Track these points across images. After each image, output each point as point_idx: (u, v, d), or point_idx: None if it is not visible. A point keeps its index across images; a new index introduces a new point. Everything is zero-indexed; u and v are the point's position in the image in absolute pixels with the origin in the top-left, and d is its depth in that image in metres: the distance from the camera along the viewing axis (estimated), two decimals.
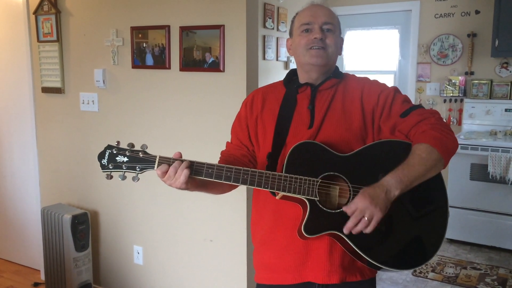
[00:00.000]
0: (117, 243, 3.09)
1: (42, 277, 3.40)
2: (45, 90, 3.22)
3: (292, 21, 1.56)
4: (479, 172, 4.11)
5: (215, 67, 2.52)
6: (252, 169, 1.36)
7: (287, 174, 1.35)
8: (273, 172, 1.36)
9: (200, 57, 2.56)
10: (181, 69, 2.64)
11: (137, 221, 2.97)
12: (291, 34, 1.57)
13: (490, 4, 4.34)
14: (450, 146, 1.36)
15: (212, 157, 1.66)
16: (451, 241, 4.30)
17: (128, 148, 1.40)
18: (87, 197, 3.15)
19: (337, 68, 1.55)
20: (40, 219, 3.17)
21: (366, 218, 1.27)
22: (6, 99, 3.57)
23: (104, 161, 1.40)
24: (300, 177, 1.35)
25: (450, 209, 4.75)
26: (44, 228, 3.09)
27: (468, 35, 4.55)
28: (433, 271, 3.68)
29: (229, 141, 1.66)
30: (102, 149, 1.42)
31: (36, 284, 3.38)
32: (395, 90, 1.48)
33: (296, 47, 1.50)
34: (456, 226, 4.23)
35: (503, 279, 3.56)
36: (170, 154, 1.43)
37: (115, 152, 1.40)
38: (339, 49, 1.52)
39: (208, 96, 2.59)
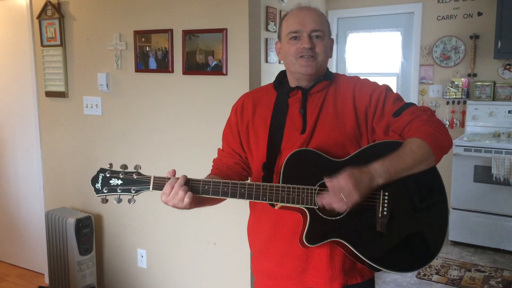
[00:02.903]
0: (121, 247, 3.09)
1: (47, 280, 3.41)
2: (49, 94, 3.24)
3: (280, 24, 1.52)
4: (483, 174, 4.09)
5: (218, 70, 2.52)
6: (249, 182, 1.34)
7: (284, 185, 1.33)
8: (270, 184, 1.34)
9: (203, 60, 2.57)
10: (184, 73, 2.65)
11: (140, 224, 2.97)
12: (279, 37, 1.53)
13: (492, 6, 4.34)
14: (442, 141, 1.34)
15: None
16: (455, 243, 4.29)
17: (121, 170, 1.38)
18: (91, 200, 3.16)
19: (327, 69, 1.53)
20: (44, 223, 3.18)
21: (344, 198, 1.26)
22: (10, 103, 3.59)
23: (98, 185, 1.39)
24: (298, 186, 1.33)
25: (454, 212, 4.72)
26: (48, 232, 3.10)
27: (471, 37, 4.55)
28: (437, 273, 3.67)
29: (221, 147, 1.63)
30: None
31: None
32: (387, 88, 1.46)
33: (286, 55, 1.48)
34: (460, 228, 4.22)
35: (508, 282, 3.54)
36: (174, 157, 1.43)
37: (108, 175, 1.39)
38: (329, 53, 1.50)
39: (211, 99, 2.60)
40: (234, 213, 2.59)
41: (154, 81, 2.78)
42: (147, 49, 2.76)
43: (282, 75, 1.56)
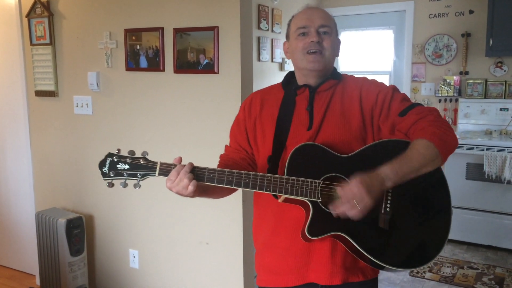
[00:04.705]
0: (112, 247, 3.07)
1: (38, 282, 3.37)
2: (39, 93, 3.20)
3: (288, 25, 1.56)
4: (475, 172, 4.11)
5: (210, 68, 2.51)
6: (254, 173, 1.36)
7: (289, 177, 1.35)
8: (274, 175, 1.36)
9: (194, 59, 2.55)
10: (175, 71, 2.63)
11: (132, 224, 2.95)
12: (287, 37, 1.57)
13: (484, 4, 4.35)
14: (449, 142, 1.35)
15: (207, 158, 1.65)
16: (448, 240, 4.30)
17: (129, 155, 1.40)
18: (82, 201, 3.13)
19: (335, 69, 1.55)
20: (34, 224, 3.15)
21: (358, 207, 1.26)
22: None
23: (105, 169, 1.41)
24: (302, 179, 1.34)
25: None
26: (39, 233, 3.06)
27: (463, 35, 4.56)
28: (430, 271, 3.68)
29: (228, 144, 1.65)
30: (102, 157, 1.41)
31: None
32: (393, 89, 1.48)
33: (293, 51, 1.50)
34: (453, 225, 4.16)
35: (500, 278, 3.56)
36: (165, 156, 1.43)
37: (116, 159, 1.41)
38: (336, 51, 1.52)
39: (203, 98, 2.58)
40: (227, 212, 2.58)
41: (145, 79, 2.76)
42: (138, 48, 2.73)
43: (290, 75, 1.59)
